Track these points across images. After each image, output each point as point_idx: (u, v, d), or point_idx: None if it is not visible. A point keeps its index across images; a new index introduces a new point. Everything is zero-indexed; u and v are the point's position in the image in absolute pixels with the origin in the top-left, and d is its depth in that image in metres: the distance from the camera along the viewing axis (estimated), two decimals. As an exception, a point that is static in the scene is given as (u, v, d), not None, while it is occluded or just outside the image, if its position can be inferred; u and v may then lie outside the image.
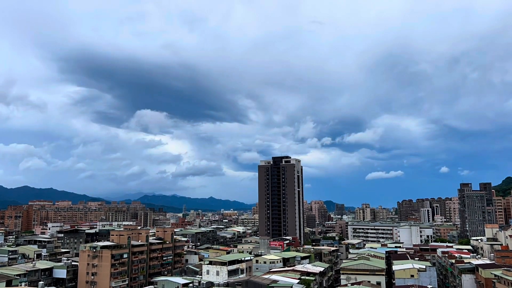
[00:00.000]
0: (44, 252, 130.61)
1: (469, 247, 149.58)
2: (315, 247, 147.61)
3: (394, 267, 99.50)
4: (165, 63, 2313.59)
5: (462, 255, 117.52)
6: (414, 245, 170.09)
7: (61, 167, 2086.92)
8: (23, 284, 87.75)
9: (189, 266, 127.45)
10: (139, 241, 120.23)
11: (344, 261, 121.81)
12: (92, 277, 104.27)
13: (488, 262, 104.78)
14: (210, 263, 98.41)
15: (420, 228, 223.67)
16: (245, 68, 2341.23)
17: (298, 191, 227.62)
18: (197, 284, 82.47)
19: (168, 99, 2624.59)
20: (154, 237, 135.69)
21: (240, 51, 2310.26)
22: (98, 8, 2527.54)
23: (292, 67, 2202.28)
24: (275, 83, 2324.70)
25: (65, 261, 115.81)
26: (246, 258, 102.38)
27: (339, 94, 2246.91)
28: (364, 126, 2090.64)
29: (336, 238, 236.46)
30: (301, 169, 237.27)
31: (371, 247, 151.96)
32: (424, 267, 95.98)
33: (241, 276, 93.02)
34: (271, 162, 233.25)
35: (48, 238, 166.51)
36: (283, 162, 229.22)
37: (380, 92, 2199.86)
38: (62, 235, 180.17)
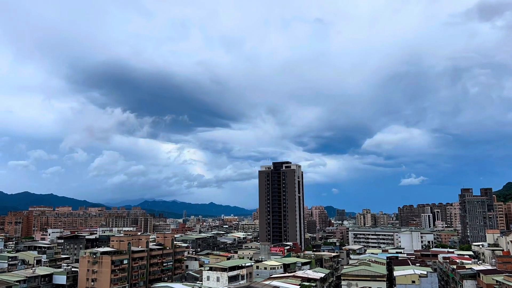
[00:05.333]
0: (44, 258, 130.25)
1: (470, 252, 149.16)
2: (315, 253, 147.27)
3: (395, 273, 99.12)
4: (196, 78, 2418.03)
5: (464, 261, 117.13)
6: (415, 251, 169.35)
7: (61, 173, 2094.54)
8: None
9: (190, 272, 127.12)
10: (139, 247, 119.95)
11: (345, 267, 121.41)
12: (92, 283, 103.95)
13: (490, 267, 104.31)
14: (211, 269, 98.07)
15: (421, 233, 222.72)
16: (269, 85, 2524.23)
17: (299, 197, 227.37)
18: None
19: (188, 110, 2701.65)
20: (154, 243, 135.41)
21: (269, 71, 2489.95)
22: (144, 30, 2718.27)
23: (314, 84, 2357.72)
24: (295, 98, 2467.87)
25: (65, 267, 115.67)
26: (247, 264, 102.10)
27: (352, 106, 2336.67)
28: (372, 135, 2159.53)
29: (337, 243, 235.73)
30: (302, 175, 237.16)
31: (372, 253, 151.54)
32: (425, 273, 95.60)
33: (242, 282, 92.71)
34: (272, 168, 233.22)
35: (48, 244, 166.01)
36: (284, 167, 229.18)
37: (389, 104, 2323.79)
38: (62, 241, 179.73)
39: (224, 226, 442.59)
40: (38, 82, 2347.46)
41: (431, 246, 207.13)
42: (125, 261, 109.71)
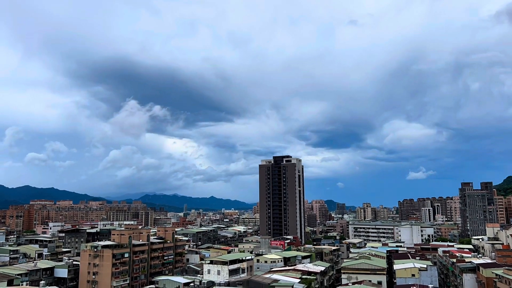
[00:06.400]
0: (45, 251, 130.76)
1: (470, 246, 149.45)
2: (316, 247, 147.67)
3: (395, 266, 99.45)
4: (202, 74, 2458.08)
5: (463, 255, 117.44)
6: (415, 245, 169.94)
7: (62, 167, 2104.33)
8: (24, 283, 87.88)
9: (190, 265, 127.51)
10: (140, 240, 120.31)
11: (345, 260, 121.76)
12: (93, 276, 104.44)
13: (489, 261, 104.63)
14: (211, 262, 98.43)
15: (421, 227, 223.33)
16: (274, 82, 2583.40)
17: (299, 191, 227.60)
18: (198, 283, 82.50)
19: (193, 105, 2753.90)
20: (155, 237, 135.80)
21: (274, 68, 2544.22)
22: (152, 27, 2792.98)
23: (318, 80, 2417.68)
24: (299, 94, 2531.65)
25: (66, 260, 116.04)
26: (247, 258, 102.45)
27: (355, 101, 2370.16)
28: (374, 130, 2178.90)
29: (337, 237, 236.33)
30: (302, 169, 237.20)
31: (372, 247, 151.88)
32: (425, 266, 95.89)
33: (242, 275, 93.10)
34: (272, 162, 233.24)
35: (50, 238, 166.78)
36: (284, 161, 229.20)
37: (391, 99, 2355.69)
38: (64, 234, 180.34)
39: (224, 220, 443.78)
40: (46, 78, 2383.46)
41: (431, 240, 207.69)
42: (126, 255, 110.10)
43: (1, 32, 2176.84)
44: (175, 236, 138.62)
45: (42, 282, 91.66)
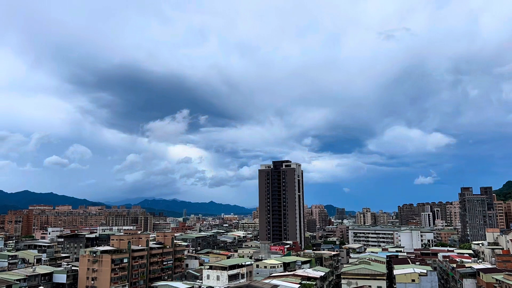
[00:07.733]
0: (44, 257, 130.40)
1: (470, 251, 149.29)
2: (315, 252, 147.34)
3: (395, 272, 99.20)
4: (208, 81, 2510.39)
5: (463, 260, 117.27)
6: (415, 250, 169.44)
7: (62, 172, 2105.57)
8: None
9: (190, 271, 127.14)
10: (139, 245, 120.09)
11: (345, 265, 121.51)
12: (92, 282, 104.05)
13: (489, 266, 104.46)
14: (211, 267, 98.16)
15: (421, 232, 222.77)
16: (279, 89, 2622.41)
17: (299, 195, 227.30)
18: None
19: (198, 111, 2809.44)
20: (154, 242, 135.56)
21: (280, 75, 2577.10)
22: (162, 35, 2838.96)
23: (322, 87, 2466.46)
24: (303, 100, 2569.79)
25: (65, 266, 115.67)
26: (247, 263, 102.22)
27: (358, 108, 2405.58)
28: (376, 136, 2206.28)
29: (337, 242, 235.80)
30: (302, 173, 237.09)
31: (372, 252, 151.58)
32: (425, 271, 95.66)
33: (242, 280, 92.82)
34: (272, 166, 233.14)
35: (48, 243, 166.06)
36: (284, 166, 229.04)
37: (392, 105, 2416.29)
38: (62, 239, 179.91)
39: (224, 225, 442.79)
40: (53, 84, 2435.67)
41: (431, 245, 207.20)
42: (125, 260, 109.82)
43: (13, 39, 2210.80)
44: (174, 241, 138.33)
45: (41, 287, 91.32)
